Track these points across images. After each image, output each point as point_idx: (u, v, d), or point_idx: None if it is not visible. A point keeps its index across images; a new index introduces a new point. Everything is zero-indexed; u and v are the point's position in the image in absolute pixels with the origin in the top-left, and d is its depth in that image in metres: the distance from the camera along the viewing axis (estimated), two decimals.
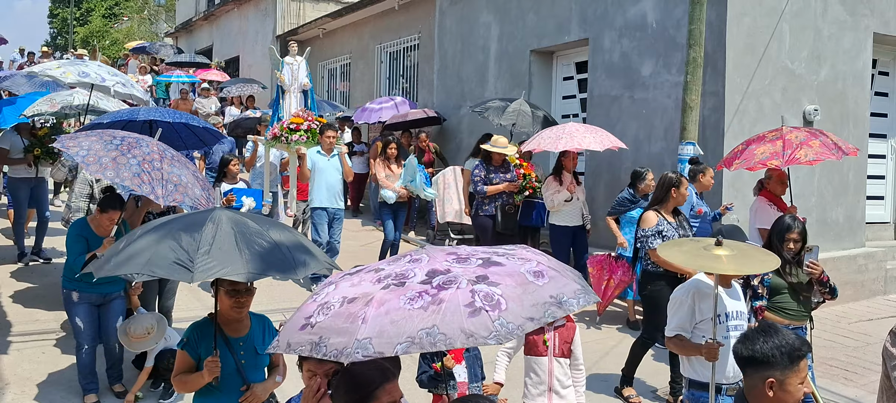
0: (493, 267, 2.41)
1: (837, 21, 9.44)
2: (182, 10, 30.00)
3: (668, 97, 9.16)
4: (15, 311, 7.80)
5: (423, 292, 2.29)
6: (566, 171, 8.59)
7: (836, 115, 9.47)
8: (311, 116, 10.05)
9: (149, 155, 5.22)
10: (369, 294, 2.35)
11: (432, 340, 2.16)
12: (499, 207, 9.11)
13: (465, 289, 2.27)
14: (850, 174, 9.66)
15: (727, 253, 3.98)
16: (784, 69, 9.02)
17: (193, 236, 3.52)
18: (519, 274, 2.40)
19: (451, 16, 13.41)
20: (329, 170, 8.98)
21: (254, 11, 22.39)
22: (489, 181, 9.08)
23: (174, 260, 3.42)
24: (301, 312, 2.52)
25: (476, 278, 2.34)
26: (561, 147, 8.29)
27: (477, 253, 2.55)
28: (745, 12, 8.67)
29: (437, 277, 2.36)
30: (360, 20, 16.89)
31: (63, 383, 6.22)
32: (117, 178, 5.02)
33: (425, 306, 2.23)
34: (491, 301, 2.24)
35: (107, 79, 8.70)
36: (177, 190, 5.14)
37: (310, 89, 10.77)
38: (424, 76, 14.59)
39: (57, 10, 48.13)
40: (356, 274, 2.61)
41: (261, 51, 21.79)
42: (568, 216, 8.66)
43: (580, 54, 11.06)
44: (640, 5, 9.59)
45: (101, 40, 38.65)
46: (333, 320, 2.33)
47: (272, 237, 3.69)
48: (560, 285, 2.44)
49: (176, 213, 6.78)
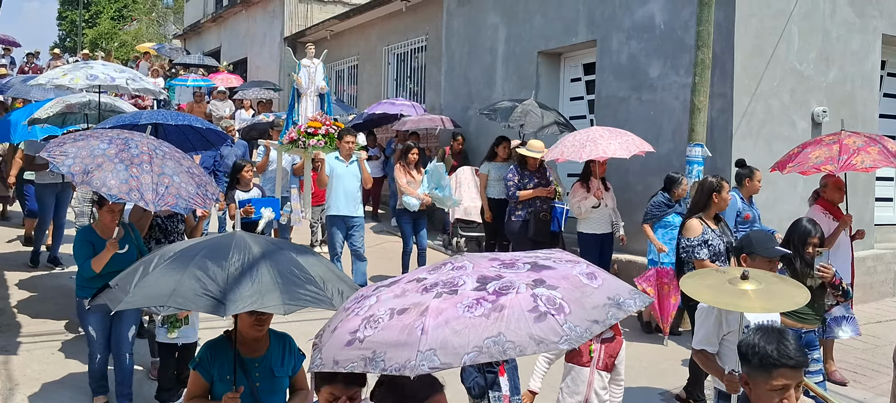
0: (546, 271, 2.32)
1: (846, 22, 9.41)
2: (190, 13, 30.08)
3: (675, 99, 9.15)
4: (24, 312, 7.83)
5: (480, 299, 2.18)
6: (593, 177, 8.37)
7: (844, 117, 9.40)
8: (328, 120, 9.86)
9: (138, 156, 5.05)
10: (422, 303, 2.23)
11: (500, 348, 2.06)
12: (532, 213, 8.85)
13: (525, 294, 2.18)
14: (858, 176, 9.62)
15: (755, 287, 3.78)
16: (792, 71, 9.00)
17: (220, 264, 3.25)
18: (573, 276, 2.31)
19: (459, 17, 13.41)
20: (347, 176, 8.72)
21: (261, 13, 22.44)
22: (523, 186, 8.85)
23: (203, 292, 3.16)
24: (342, 328, 2.38)
25: (533, 282, 2.23)
26: (585, 156, 7.98)
27: (521, 258, 2.44)
28: (753, 14, 8.66)
29: (491, 283, 2.25)
30: (367, 22, 16.91)
31: (72, 384, 6.24)
32: (104, 187, 4.82)
33: (486, 313, 2.12)
34: (554, 304, 2.15)
35: (116, 78, 8.52)
36: (168, 192, 4.96)
37: (327, 92, 10.56)
38: (432, 78, 14.60)
39: (65, 12, 48.30)
40: (394, 284, 2.48)
41: (268, 52, 21.82)
42: (596, 223, 8.45)
43: (588, 56, 11.05)
44: (647, 7, 9.58)
45: (110, 42, 38.77)
46: (386, 333, 2.20)
47: (304, 265, 3.42)
48: (614, 286, 2.36)
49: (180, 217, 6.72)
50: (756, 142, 8.73)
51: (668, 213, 7.79)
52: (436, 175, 9.23)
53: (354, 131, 9.48)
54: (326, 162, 8.77)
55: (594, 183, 8.34)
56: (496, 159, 10.23)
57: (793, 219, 8.41)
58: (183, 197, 5.02)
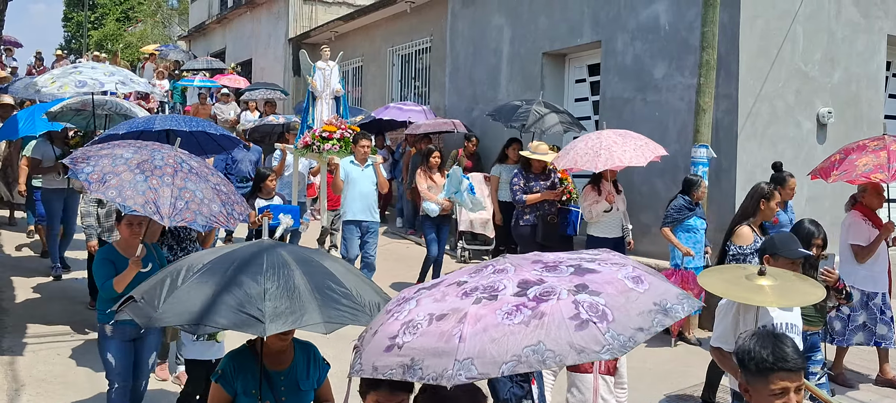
0: (589, 275, 2.22)
1: (851, 23, 9.39)
2: (195, 14, 30.14)
3: (680, 99, 9.14)
4: (30, 314, 7.86)
5: (520, 305, 2.10)
6: (605, 180, 8.20)
7: (849, 118, 9.43)
8: (344, 124, 9.65)
9: (161, 168, 4.79)
10: (460, 309, 2.16)
11: (540, 358, 1.99)
12: (540, 217, 8.71)
13: (566, 300, 2.09)
14: None
15: (771, 283, 3.75)
16: (797, 71, 8.98)
17: (256, 279, 3.04)
18: (618, 280, 2.21)
19: (463, 18, 13.42)
20: (363, 180, 8.53)
21: (266, 15, 22.47)
22: (529, 189, 8.72)
23: (238, 309, 2.93)
24: (382, 332, 2.31)
25: (575, 287, 2.14)
26: (602, 165, 7.65)
27: (564, 260, 2.36)
28: (759, 15, 8.65)
29: (532, 288, 2.16)
30: (371, 23, 16.92)
31: (77, 385, 6.26)
32: (119, 198, 4.59)
33: (526, 321, 2.05)
34: (596, 311, 2.05)
35: (105, 83, 8.27)
36: (188, 208, 4.69)
37: (342, 95, 10.34)
38: (436, 79, 14.60)
39: (71, 14, 48.40)
40: (435, 287, 2.40)
41: (273, 54, 21.85)
42: (607, 227, 8.29)
43: (592, 57, 11.05)
44: (652, 8, 9.57)
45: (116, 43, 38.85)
46: (424, 339, 2.14)
47: (338, 277, 3.25)
48: (661, 290, 2.26)
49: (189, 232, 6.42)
50: (761, 142, 8.72)
51: (690, 216, 7.68)
52: (455, 180, 9.02)
53: (370, 135, 9.23)
54: (341, 166, 8.58)
55: (606, 186, 8.19)
56: (507, 161, 10.10)
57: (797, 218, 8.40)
58: (203, 214, 4.76)
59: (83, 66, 8.76)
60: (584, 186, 8.46)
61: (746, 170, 8.58)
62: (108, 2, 44.09)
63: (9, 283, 8.82)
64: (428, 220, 9.18)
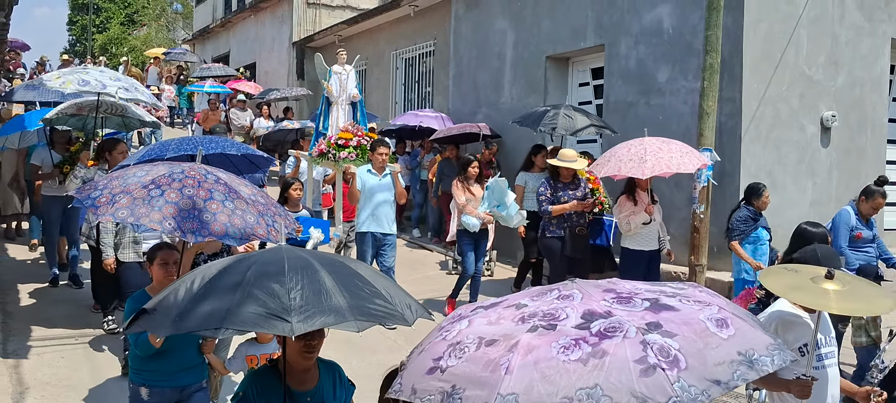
0: (666, 313, 1.97)
1: (855, 26, 9.39)
2: (199, 18, 30.23)
3: (684, 103, 9.14)
4: (34, 318, 7.87)
5: (580, 340, 1.88)
6: (640, 190, 7.78)
7: (853, 121, 9.42)
8: (360, 131, 9.29)
9: (181, 181, 4.21)
10: (512, 336, 1.96)
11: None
12: (568, 228, 8.24)
13: (633, 340, 1.85)
14: (868, 180, 9.58)
15: (837, 288, 3.45)
16: (801, 75, 8.98)
17: (279, 279, 2.82)
18: (698, 321, 1.95)
19: (467, 22, 13.43)
20: (380, 190, 8.10)
21: (270, 18, 22.52)
22: (556, 199, 8.23)
23: (264, 311, 2.70)
24: (428, 351, 2.14)
25: (646, 325, 1.90)
26: (648, 172, 7.15)
27: (641, 292, 2.11)
28: (762, 18, 8.64)
29: (597, 321, 1.94)
30: (375, 27, 16.94)
31: (81, 388, 6.27)
32: (130, 217, 4.02)
33: (584, 359, 1.82)
34: (667, 356, 1.81)
35: (108, 85, 8.16)
36: (216, 220, 4.09)
37: (359, 101, 10.00)
38: (440, 82, 14.61)
39: (76, 18, 48.55)
40: (492, 308, 2.21)
41: (277, 57, 21.89)
42: (644, 239, 7.84)
43: (596, 60, 11.05)
44: (656, 11, 9.57)
45: (120, 47, 38.97)
46: (469, 365, 1.95)
47: (368, 278, 3.05)
48: (749, 338, 1.98)
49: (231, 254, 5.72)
50: (765, 146, 8.72)
51: (756, 227, 7.41)
52: (497, 191, 8.45)
53: (388, 142, 8.80)
54: (358, 175, 8.17)
55: (642, 197, 7.77)
56: (533, 169, 9.66)
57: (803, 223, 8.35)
58: (235, 225, 4.14)
59: (91, 68, 8.84)
60: (619, 197, 7.98)
61: (750, 173, 8.57)
62: (113, 6, 44.24)
63: (13, 287, 8.84)
64: (466, 236, 8.58)
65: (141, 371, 4.36)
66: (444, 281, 10.20)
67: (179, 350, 4.36)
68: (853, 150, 9.46)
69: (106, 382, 6.37)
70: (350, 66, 10.06)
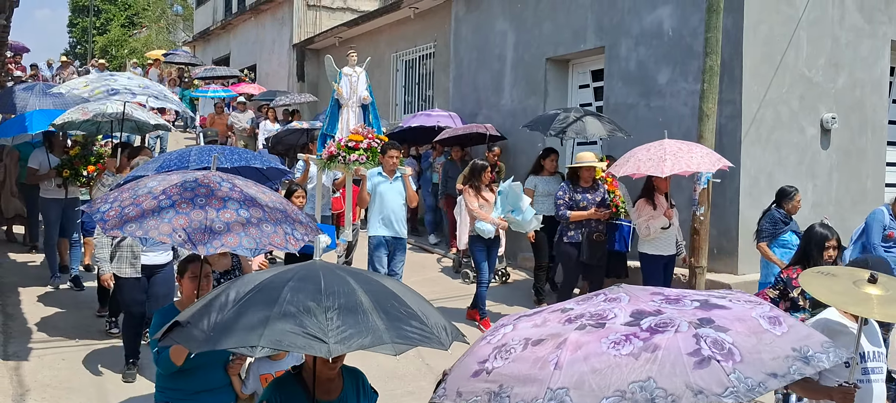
0: (717, 310, 1.93)
1: (855, 28, 9.39)
2: (200, 20, 30.26)
3: (684, 105, 9.14)
4: (35, 320, 7.88)
5: (631, 335, 1.85)
6: (659, 193, 7.68)
7: (854, 123, 9.42)
8: (371, 134, 9.13)
9: (193, 190, 3.99)
10: (560, 335, 1.94)
11: (648, 396, 1.72)
12: (585, 234, 8.07)
13: (686, 333, 1.81)
14: (868, 182, 9.60)
15: (880, 293, 3.29)
16: (801, 77, 8.98)
17: (316, 298, 2.76)
18: (751, 319, 1.92)
19: (467, 24, 13.44)
20: (391, 194, 8.01)
21: (270, 20, 22.53)
22: (575, 203, 8.06)
23: (301, 330, 2.64)
24: (472, 355, 2.11)
25: (698, 321, 1.87)
26: (667, 171, 7.03)
27: (689, 295, 2.07)
28: (762, 20, 8.65)
29: (647, 318, 1.90)
30: (375, 29, 16.95)
31: (82, 390, 6.27)
32: (139, 231, 3.81)
33: (635, 352, 1.79)
34: (721, 348, 1.77)
35: (138, 94, 8.09)
36: (229, 230, 3.85)
37: (371, 103, 9.81)
38: (440, 84, 14.61)
39: (76, 20, 48.61)
40: (537, 313, 2.18)
41: (277, 59, 21.90)
42: (662, 244, 7.78)
43: (596, 62, 11.05)
44: (656, 13, 9.58)
45: (121, 49, 38.99)
46: (516, 365, 1.93)
47: (404, 298, 2.98)
48: (803, 335, 1.95)
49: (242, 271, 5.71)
50: (765, 148, 8.72)
51: (785, 231, 7.35)
52: (512, 196, 8.23)
53: (398, 145, 8.63)
54: (368, 178, 8.09)
55: (661, 201, 7.69)
56: (543, 172, 9.40)
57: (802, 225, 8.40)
58: (251, 235, 3.88)
59: (119, 75, 8.45)
60: (637, 200, 7.90)
61: (750, 175, 8.58)
62: (113, 8, 44.28)
63: (14, 289, 8.84)
64: (479, 242, 8.36)
65: (165, 389, 4.26)
66: (445, 283, 10.19)
67: (204, 369, 4.19)
68: (853, 152, 9.46)
69: (106, 384, 6.38)
70: (361, 67, 9.87)
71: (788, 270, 5.55)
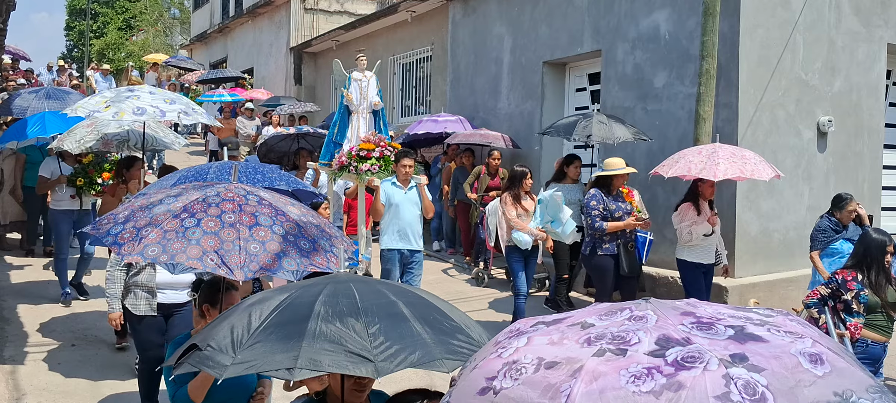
0: (753, 344, 1.75)
1: (851, 32, 9.42)
2: (197, 23, 30.26)
3: (681, 108, 9.15)
4: (32, 324, 7.86)
5: (653, 369, 1.68)
6: (703, 199, 7.34)
7: (850, 127, 9.44)
8: (383, 141, 8.76)
9: (218, 206, 3.54)
10: (576, 360, 1.77)
11: None
12: (621, 245, 7.53)
13: (715, 372, 1.64)
14: (864, 185, 9.62)
15: None
16: (798, 80, 9.00)
17: (353, 313, 2.50)
18: (790, 356, 1.72)
19: (464, 28, 13.45)
20: (406, 204, 7.59)
21: (268, 24, 22.54)
22: (610, 213, 7.50)
23: (342, 349, 2.38)
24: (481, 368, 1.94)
25: (730, 357, 1.69)
26: (721, 174, 6.77)
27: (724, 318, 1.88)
28: (759, 24, 8.67)
29: (674, 349, 1.73)
30: (372, 32, 16.97)
31: (78, 394, 6.26)
32: (163, 255, 3.31)
33: (657, 390, 1.62)
34: (753, 394, 1.59)
35: (167, 112, 7.37)
36: (265, 250, 3.42)
37: (381, 109, 9.45)
38: (437, 88, 14.63)
39: (73, 23, 48.57)
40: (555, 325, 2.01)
41: (275, 62, 21.89)
42: (703, 251, 7.42)
43: (593, 66, 11.07)
44: (652, 17, 9.60)
45: (117, 52, 38.96)
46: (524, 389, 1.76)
47: (445, 310, 2.73)
48: (846, 377, 1.74)
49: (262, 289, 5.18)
50: (762, 151, 8.70)
51: (836, 240, 7.14)
52: (552, 205, 7.90)
53: (412, 153, 8.21)
54: (382, 189, 7.67)
55: (705, 207, 7.35)
56: (565, 180, 8.90)
57: (798, 228, 8.43)
58: (290, 256, 3.48)
59: (140, 90, 7.71)
60: (681, 204, 7.51)
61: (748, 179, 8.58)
62: (110, 11, 44.25)
63: (11, 293, 8.83)
64: (516, 253, 7.98)
65: None
66: (448, 285, 10.18)
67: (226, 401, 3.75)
68: (850, 155, 9.48)
69: (103, 388, 6.36)
70: (371, 72, 9.54)
71: (844, 272, 5.56)
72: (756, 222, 8.73)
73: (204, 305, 4.05)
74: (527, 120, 11.80)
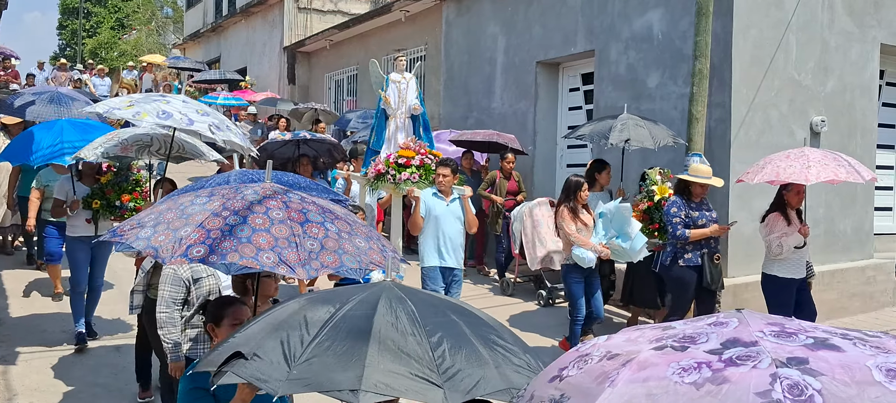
0: (825, 351, 1.64)
1: (844, 32, 9.44)
2: (190, 22, 30.19)
3: (674, 108, 9.17)
4: (23, 324, 7.84)
5: (704, 363, 1.64)
6: (791, 208, 6.87)
7: (843, 127, 9.46)
8: (423, 148, 8.29)
9: (262, 203, 3.18)
10: (635, 352, 1.78)
11: None
12: (706, 255, 7.03)
13: (764, 371, 1.57)
14: (857, 185, 9.63)
15: None
16: (791, 80, 9.02)
17: (415, 327, 2.29)
18: (861, 367, 1.59)
19: (458, 27, 13.45)
20: (447, 217, 6.97)
21: (261, 23, 22.51)
22: (693, 221, 7.01)
23: (407, 371, 2.18)
24: (560, 360, 1.97)
25: (787, 359, 1.61)
26: (813, 179, 6.34)
27: (816, 331, 1.76)
28: (752, 24, 8.68)
29: (734, 348, 1.68)
30: (366, 32, 16.96)
31: (70, 395, 6.23)
32: (214, 255, 2.92)
33: (699, 382, 1.59)
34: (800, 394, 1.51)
35: (195, 122, 6.36)
36: (324, 248, 3.10)
37: (421, 113, 8.91)
38: (431, 88, 14.63)
39: (66, 22, 48.44)
40: (641, 327, 2.01)
41: (268, 61, 21.86)
42: (794, 266, 6.86)
43: (586, 66, 11.08)
44: (646, 17, 9.61)
45: (110, 51, 38.86)
46: (584, 376, 1.79)
47: (500, 330, 2.54)
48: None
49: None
50: (755, 151, 8.73)
51: None
52: (618, 218, 7.23)
53: (453, 162, 7.45)
54: (422, 200, 7.05)
55: (794, 216, 6.89)
56: (595, 187, 8.41)
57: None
58: (349, 253, 3.15)
59: (172, 97, 6.81)
60: (769, 213, 7.01)
61: None
62: (103, 10, 44.16)
63: (3, 294, 8.79)
64: (575, 272, 7.27)
65: None
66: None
67: None
68: None
69: (95, 389, 6.34)
70: (410, 74, 9.01)
71: None
72: (750, 222, 8.73)
73: (209, 325, 3.73)
74: (520, 120, 11.81)
